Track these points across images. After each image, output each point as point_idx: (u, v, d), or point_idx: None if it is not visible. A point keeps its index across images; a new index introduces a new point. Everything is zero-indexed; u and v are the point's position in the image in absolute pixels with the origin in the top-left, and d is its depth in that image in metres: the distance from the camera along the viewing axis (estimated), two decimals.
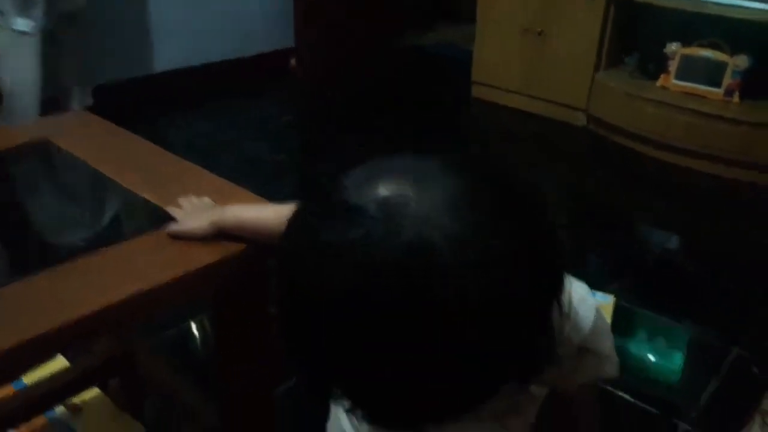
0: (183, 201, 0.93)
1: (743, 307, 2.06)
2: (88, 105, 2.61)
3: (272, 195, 0.95)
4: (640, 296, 2.03)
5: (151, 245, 0.87)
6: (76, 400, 1.50)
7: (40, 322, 0.71)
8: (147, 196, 0.97)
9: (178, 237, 0.86)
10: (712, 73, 2.80)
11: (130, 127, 1.20)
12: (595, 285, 2.05)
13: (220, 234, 0.86)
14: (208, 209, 0.90)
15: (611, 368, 0.71)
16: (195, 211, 0.90)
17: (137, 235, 0.88)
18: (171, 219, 0.90)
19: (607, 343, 0.70)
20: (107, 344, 1.41)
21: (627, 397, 1.67)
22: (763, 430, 0.87)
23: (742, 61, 2.73)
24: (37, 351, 0.73)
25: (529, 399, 0.67)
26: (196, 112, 3.26)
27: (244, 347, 1.01)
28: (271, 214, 0.84)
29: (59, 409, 1.49)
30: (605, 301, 1.96)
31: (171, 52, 3.36)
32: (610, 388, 1.65)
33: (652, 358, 1.76)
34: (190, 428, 1.16)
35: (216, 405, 1.17)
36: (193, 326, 1.88)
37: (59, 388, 1.37)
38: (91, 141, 1.17)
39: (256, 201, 0.97)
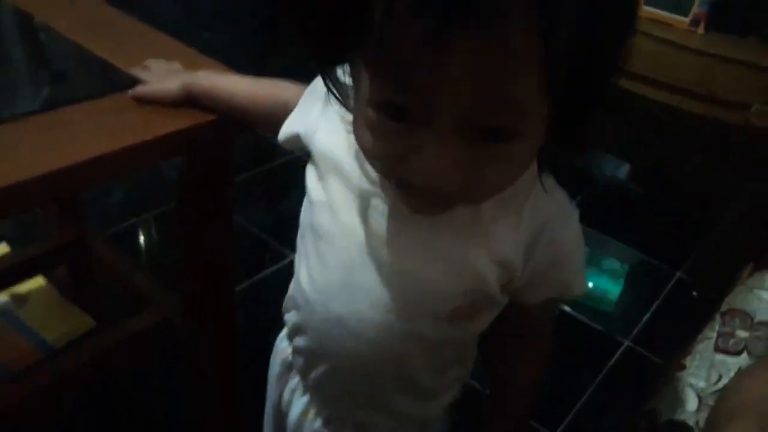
0: (151, 62, 0.85)
1: (688, 234, 2.12)
2: None
3: None
4: (591, 220, 2.07)
5: (117, 107, 0.79)
6: (21, 289, 1.44)
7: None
8: (108, 57, 0.89)
9: (144, 100, 0.79)
10: (680, 0, 2.78)
11: None
12: None
13: (189, 101, 0.79)
14: (178, 73, 0.83)
15: (579, 288, 0.63)
16: (164, 74, 0.82)
17: (100, 96, 0.81)
18: (136, 82, 0.82)
19: (581, 258, 0.63)
20: (55, 230, 1.34)
21: (572, 312, 1.72)
22: (722, 329, 0.90)
23: None
24: None
25: (489, 305, 0.61)
26: None
27: (208, 235, 0.97)
28: (245, 85, 0.78)
29: (2, 298, 1.43)
30: None
31: None
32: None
33: (590, 285, 1.81)
34: (143, 320, 1.12)
35: (173, 295, 1.14)
36: (141, 222, 1.82)
37: (1, 275, 1.31)
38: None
39: (223, 71, 0.90)
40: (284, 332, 0.75)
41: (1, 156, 0.68)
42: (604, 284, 1.79)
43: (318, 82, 0.62)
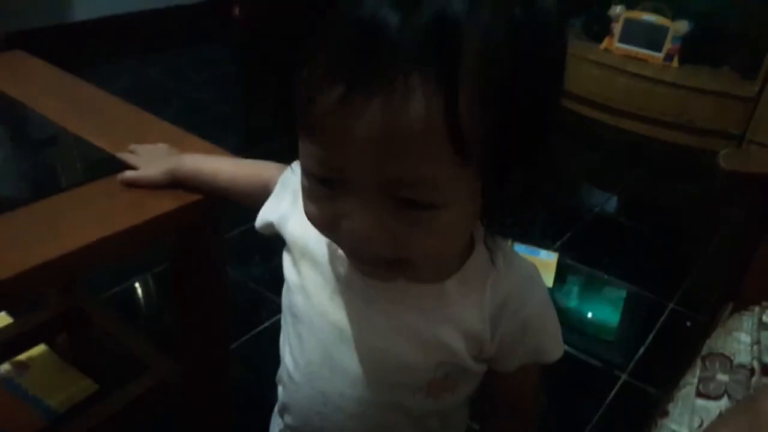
0: (136, 147, 0.89)
1: (678, 265, 2.15)
2: None
3: (218, 143, 0.94)
4: (582, 255, 2.10)
5: (107, 191, 0.83)
6: (23, 357, 1.46)
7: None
8: (95, 141, 0.93)
9: (133, 185, 0.83)
10: (653, 38, 2.87)
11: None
12: (538, 243, 2.12)
13: (176, 183, 0.83)
14: (164, 156, 0.87)
15: (554, 352, 0.63)
16: (150, 158, 0.86)
17: (90, 181, 0.85)
18: (125, 166, 0.86)
19: (551, 323, 0.63)
20: (55, 299, 1.38)
21: (568, 348, 1.74)
22: (703, 374, 0.92)
23: (682, 26, 2.81)
24: None
25: (465, 375, 0.62)
26: (140, 59, 3.15)
27: (201, 300, 1.00)
28: (228, 166, 0.82)
29: (4, 367, 1.45)
30: (549, 259, 2.02)
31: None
32: None
33: (590, 315, 1.84)
34: (143, 383, 1.15)
35: (170, 359, 1.17)
36: (137, 284, 1.85)
37: (4, 345, 1.34)
38: (29, 82, 1.11)
39: (207, 149, 0.94)
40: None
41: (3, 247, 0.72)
42: (603, 313, 1.81)
43: (289, 172, 0.65)
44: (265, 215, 0.69)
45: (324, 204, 0.48)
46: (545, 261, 2.01)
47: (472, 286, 0.57)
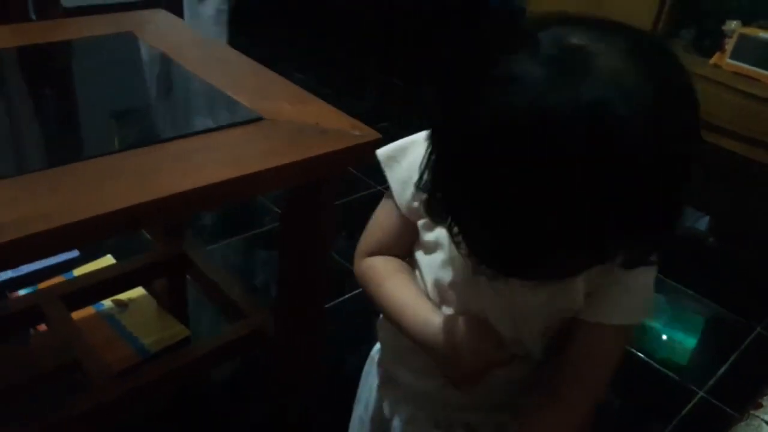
0: None
1: None
2: None
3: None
4: (669, 270, 2.06)
5: (240, 138, 0.90)
6: (123, 297, 1.56)
7: (132, 194, 0.75)
8: (231, 93, 0.99)
9: None
10: (766, 55, 2.76)
11: None
12: None
13: None
14: None
15: (638, 315, 0.64)
16: None
17: (225, 128, 0.91)
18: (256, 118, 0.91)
19: (646, 291, 0.64)
20: (161, 245, 1.46)
21: (646, 359, 1.71)
22: None
23: None
24: (117, 224, 0.76)
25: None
26: (246, 38, 3.28)
27: (306, 256, 1.05)
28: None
29: (107, 303, 1.55)
30: None
31: None
32: (632, 349, 1.70)
33: (665, 337, 1.80)
34: (237, 330, 1.21)
35: (266, 310, 1.22)
36: (239, 243, 1.93)
37: (107, 283, 1.43)
38: (171, 37, 1.19)
39: (330, 111, 0.99)
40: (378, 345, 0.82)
41: (131, 180, 0.79)
42: (678, 335, 1.78)
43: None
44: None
45: None
46: None
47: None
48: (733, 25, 2.82)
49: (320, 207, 0.99)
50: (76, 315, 1.40)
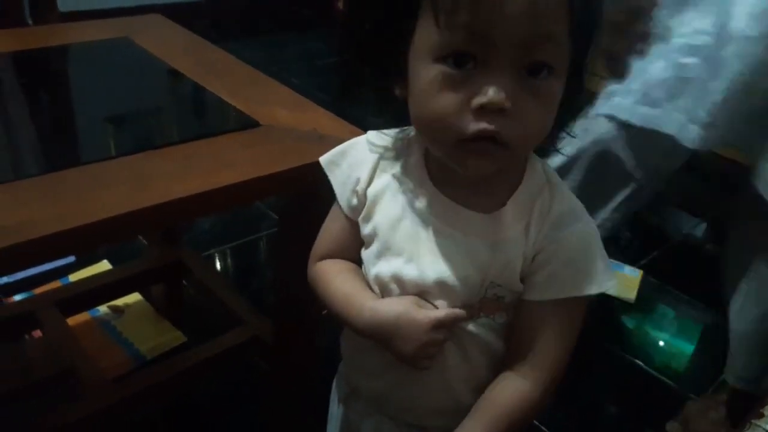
0: None
1: None
2: None
3: None
4: (666, 275, 2.06)
5: (237, 143, 0.89)
6: (119, 302, 1.55)
7: (129, 200, 0.74)
8: (227, 98, 0.99)
9: None
10: None
11: None
12: (623, 259, 2.09)
13: None
14: None
15: (590, 286, 0.64)
16: None
17: (222, 133, 0.91)
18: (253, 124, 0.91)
19: (592, 258, 0.64)
20: (157, 251, 1.45)
21: (643, 365, 1.71)
22: None
23: None
24: (115, 231, 0.75)
25: (513, 297, 0.65)
26: (243, 42, 3.27)
27: (304, 261, 1.04)
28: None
29: (102, 309, 1.54)
30: (633, 275, 1.99)
31: None
32: (629, 357, 1.70)
33: (662, 343, 1.80)
34: (234, 336, 1.20)
35: (263, 317, 1.22)
36: (236, 247, 1.93)
37: (103, 289, 1.42)
38: (168, 42, 1.19)
39: (327, 116, 0.99)
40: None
41: (128, 186, 0.78)
42: (676, 342, 1.78)
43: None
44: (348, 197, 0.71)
45: (455, 88, 0.55)
46: (629, 277, 1.98)
47: (523, 210, 0.64)
48: None
49: (318, 213, 0.98)
50: (72, 321, 1.39)
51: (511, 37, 0.52)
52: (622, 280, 1.96)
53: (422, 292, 0.65)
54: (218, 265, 1.87)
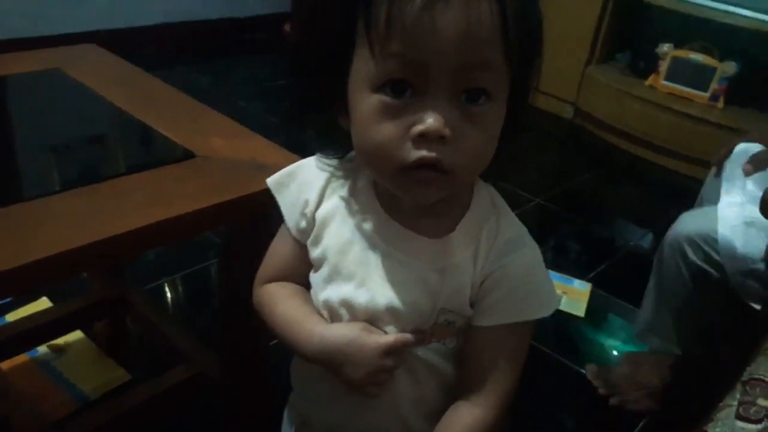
0: None
1: None
2: None
3: None
4: (614, 287, 2.09)
5: (170, 177, 0.87)
6: (60, 341, 1.50)
7: (68, 238, 0.71)
8: (161, 130, 0.97)
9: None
10: (700, 77, 2.86)
11: None
12: (573, 272, 2.11)
13: None
14: None
15: (538, 310, 0.65)
16: None
17: (154, 167, 0.89)
18: (186, 155, 0.89)
19: (540, 282, 0.66)
20: (98, 287, 1.41)
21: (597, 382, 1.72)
22: (743, 398, 0.92)
23: (729, 67, 2.79)
24: (54, 271, 0.72)
25: (464, 323, 0.65)
26: (191, 66, 3.24)
27: (247, 293, 1.02)
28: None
29: (41, 349, 1.48)
30: (582, 289, 2.01)
31: (167, 4, 3.33)
32: (576, 367, 1.71)
33: (615, 353, 1.81)
34: (179, 373, 1.17)
35: (209, 351, 1.18)
36: (177, 281, 1.88)
37: (42, 328, 1.37)
38: (101, 73, 1.16)
39: (263, 144, 0.97)
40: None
41: (66, 224, 0.75)
42: (627, 348, 1.80)
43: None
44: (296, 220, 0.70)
45: (394, 117, 0.55)
46: (578, 290, 2.00)
47: (471, 236, 0.64)
48: (665, 47, 2.92)
49: (262, 240, 0.96)
50: (7, 364, 1.33)
51: (445, 64, 0.52)
52: (572, 295, 1.98)
53: (372, 318, 0.65)
54: (168, 296, 1.82)
